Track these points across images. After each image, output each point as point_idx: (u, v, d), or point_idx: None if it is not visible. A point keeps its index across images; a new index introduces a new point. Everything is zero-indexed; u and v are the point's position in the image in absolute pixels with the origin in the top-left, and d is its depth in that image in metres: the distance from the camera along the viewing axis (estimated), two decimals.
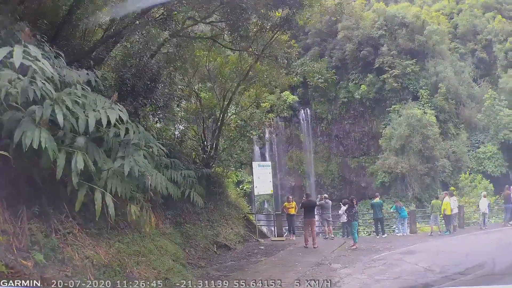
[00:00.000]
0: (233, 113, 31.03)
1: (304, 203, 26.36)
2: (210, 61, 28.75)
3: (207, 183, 25.86)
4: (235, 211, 29.01)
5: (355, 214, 26.09)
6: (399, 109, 70.91)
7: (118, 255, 14.08)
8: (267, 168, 32.81)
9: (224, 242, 24.51)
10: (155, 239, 17.88)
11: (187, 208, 23.18)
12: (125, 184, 13.96)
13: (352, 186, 74.76)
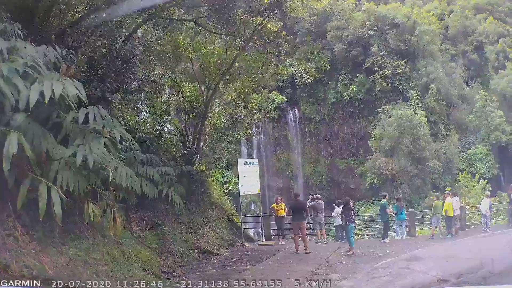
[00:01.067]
0: (217, 105, 27.23)
1: (293, 204, 23.83)
2: (193, 50, 26.07)
3: (188, 181, 23.50)
4: (219, 212, 26.63)
5: (352, 216, 23.11)
6: (389, 110, 68.78)
7: (70, 264, 11.57)
8: (253, 166, 29.78)
9: (206, 247, 22.03)
10: (124, 244, 15.61)
11: (166, 209, 20.90)
12: (79, 178, 11.62)
13: (341, 187, 72.87)
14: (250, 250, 24.00)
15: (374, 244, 25.78)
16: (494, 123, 66.00)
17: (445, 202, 28.20)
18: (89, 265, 12.25)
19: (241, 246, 25.21)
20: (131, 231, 17.59)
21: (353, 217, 23.71)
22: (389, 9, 78.57)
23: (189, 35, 26.06)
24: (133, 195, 16.83)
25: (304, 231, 23.17)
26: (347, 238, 23.35)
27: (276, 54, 27.47)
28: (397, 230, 29.37)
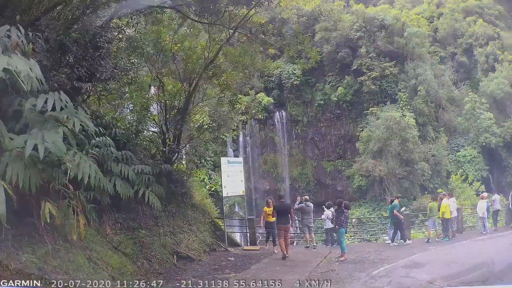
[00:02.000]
0: (200, 101, 25.35)
1: (277, 207, 22.11)
2: (176, 44, 24.36)
3: (168, 181, 21.75)
4: (201, 215, 24.37)
5: (344, 220, 21.23)
6: (377, 112, 67.82)
7: (22, 273, 9.81)
8: (238, 165, 27.30)
9: (186, 253, 20.10)
10: (92, 250, 13.94)
11: (144, 210, 19.06)
12: (31, 172, 10.04)
13: (328, 190, 71.37)
14: (234, 256, 22.09)
15: (366, 249, 24.20)
16: (483, 125, 65.75)
17: (442, 204, 26.43)
18: (46, 273, 10.53)
19: (225, 251, 23.26)
20: (104, 234, 15.98)
21: (345, 221, 21.79)
22: (378, 10, 78.20)
23: (171, 28, 24.55)
24: (106, 195, 15.41)
25: (287, 235, 21.64)
26: (339, 242, 21.60)
27: (262, 45, 25.28)
28: (390, 234, 27.54)
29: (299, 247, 24.11)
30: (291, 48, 29.00)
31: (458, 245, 23.89)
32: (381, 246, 26.02)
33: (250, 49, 25.77)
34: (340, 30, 74.35)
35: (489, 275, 13.41)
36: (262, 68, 27.63)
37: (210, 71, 24.50)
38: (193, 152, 24.49)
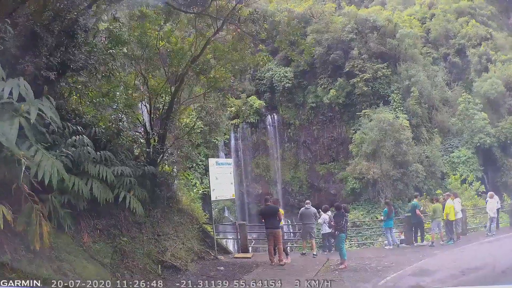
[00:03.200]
0: (186, 98, 23.47)
1: (263, 210, 20.75)
2: (161, 40, 22.57)
3: (152, 184, 20.02)
4: (188, 220, 22.52)
5: (344, 224, 19.41)
6: (370, 114, 66.55)
7: None
8: (227, 166, 25.16)
9: (171, 262, 18.27)
10: (64, 260, 12.38)
11: (126, 216, 17.59)
12: None
13: (321, 193, 69.98)
14: (223, 264, 20.11)
15: (366, 254, 22.45)
16: (477, 126, 64.99)
17: (446, 205, 24.83)
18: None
19: (214, 260, 21.29)
20: (80, 242, 14.45)
21: (345, 225, 19.95)
22: (370, 12, 77.05)
23: (157, 23, 22.53)
24: (82, 199, 14.05)
25: (279, 240, 19.79)
26: (338, 249, 19.82)
27: (252, 36, 23.39)
28: (388, 238, 25.62)
29: (294, 254, 22.05)
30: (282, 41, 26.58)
31: (465, 248, 22.31)
32: (380, 251, 24.27)
33: (240, 44, 23.61)
34: (332, 32, 73.25)
35: None
36: (253, 63, 25.32)
37: (197, 67, 22.45)
38: (179, 153, 22.32)
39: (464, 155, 65.43)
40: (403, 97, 69.08)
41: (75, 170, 14.37)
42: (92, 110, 19.79)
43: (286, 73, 73.70)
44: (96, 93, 19.82)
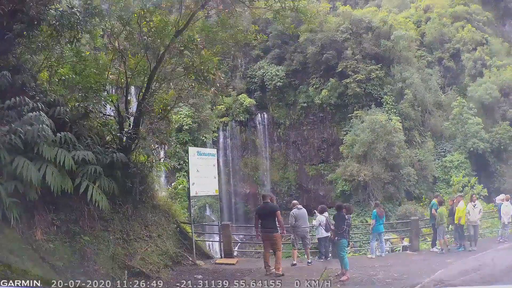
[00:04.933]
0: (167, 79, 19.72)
1: (260, 210, 17.14)
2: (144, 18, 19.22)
3: (123, 175, 16.90)
4: (164, 218, 19.55)
5: (346, 228, 15.67)
6: (362, 115, 64.37)
7: None
8: (210, 158, 21.68)
9: (140, 267, 15.45)
10: None
11: (90, 211, 14.84)
12: None
13: (310, 194, 67.67)
14: (203, 272, 17.14)
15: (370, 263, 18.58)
16: (471, 130, 62.89)
17: (458, 208, 21.87)
18: None
19: (192, 265, 18.28)
20: (32, 240, 12.12)
21: (348, 230, 16.18)
22: (364, 13, 74.57)
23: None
24: (33, 188, 11.84)
25: (278, 245, 16.61)
26: (339, 258, 16.21)
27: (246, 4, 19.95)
28: (372, 246, 22.65)
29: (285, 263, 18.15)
30: None
31: (481, 256, 19.24)
32: (384, 258, 20.84)
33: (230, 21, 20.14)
34: (326, 31, 70.63)
35: None
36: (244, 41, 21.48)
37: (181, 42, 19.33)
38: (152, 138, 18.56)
39: (457, 159, 63.31)
40: (396, 100, 67.02)
41: (30, 153, 12.15)
42: (62, 89, 17.10)
43: (277, 72, 71.46)
44: (67, 70, 17.20)
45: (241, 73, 75.22)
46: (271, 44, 74.95)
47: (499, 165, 63.00)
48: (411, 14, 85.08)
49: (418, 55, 75.82)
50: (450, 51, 75.47)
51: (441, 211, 21.95)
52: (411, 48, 72.47)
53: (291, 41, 74.44)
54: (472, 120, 63.15)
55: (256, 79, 73.10)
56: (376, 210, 22.62)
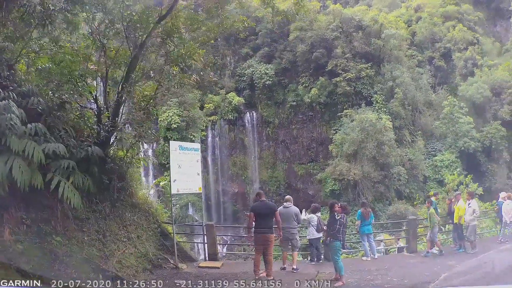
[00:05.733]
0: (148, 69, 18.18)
1: (256, 208, 15.26)
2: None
3: (100, 171, 15.39)
4: (143, 218, 17.81)
5: (342, 229, 14.21)
6: (352, 114, 63.36)
7: None
8: (193, 153, 19.61)
9: (116, 271, 13.99)
10: None
11: (64, 210, 13.46)
12: None
13: (299, 193, 65.44)
14: (185, 276, 15.45)
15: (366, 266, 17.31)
16: (462, 130, 63.09)
17: (459, 206, 20.44)
18: None
19: (173, 269, 16.59)
20: None
21: (343, 231, 14.66)
22: (355, 11, 74.31)
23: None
24: None
25: (270, 249, 15.08)
26: (333, 261, 14.65)
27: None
28: (366, 248, 20.67)
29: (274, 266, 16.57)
30: None
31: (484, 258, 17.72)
32: (379, 261, 19.28)
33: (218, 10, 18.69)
34: (316, 30, 69.88)
35: None
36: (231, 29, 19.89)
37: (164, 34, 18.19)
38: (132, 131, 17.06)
39: (447, 159, 63.02)
40: (386, 98, 66.38)
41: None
42: (39, 79, 15.94)
43: (267, 70, 70.35)
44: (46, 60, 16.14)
45: (230, 72, 74.10)
46: (261, 43, 74.17)
47: (490, 165, 62.96)
48: (401, 14, 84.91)
49: (409, 54, 75.39)
50: (441, 50, 75.43)
51: (432, 212, 20.66)
52: (402, 47, 71.91)
53: (281, 40, 73.67)
54: (463, 120, 63.03)
55: (245, 78, 72.01)
56: (361, 210, 21.05)
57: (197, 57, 17.90)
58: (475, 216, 19.83)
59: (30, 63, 16.08)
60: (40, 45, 16.14)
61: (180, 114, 59.17)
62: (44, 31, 15.45)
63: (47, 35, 16.35)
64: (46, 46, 16.41)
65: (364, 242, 20.43)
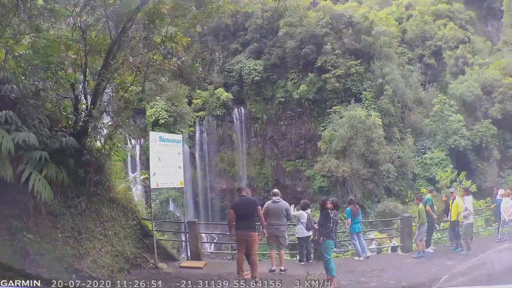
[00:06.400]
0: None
1: (237, 204, 14.30)
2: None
3: (76, 164, 14.38)
4: (122, 214, 16.42)
5: (333, 227, 13.13)
6: (341, 110, 63.08)
7: None
8: (175, 144, 18.13)
9: (90, 272, 12.85)
10: None
11: (36, 205, 12.62)
12: None
13: (287, 190, 64.43)
14: (164, 277, 14.10)
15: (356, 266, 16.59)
16: (452, 128, 63.04)
17: (455, 203, 19.53)
18: None
19: (152, 269, 15.35)
20: None
21: (334, 229, 13.59)
22: (346, 8, 73.98)
23: None
24: None
25: (254, 248, 13.89)
26: (324, 261, 13.58)
27: None
28: (357, 247, 19.47)
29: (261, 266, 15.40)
30: None
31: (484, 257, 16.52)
32: (373, 261, 18.13)
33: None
34: (306, 26, 69.33)
35: None
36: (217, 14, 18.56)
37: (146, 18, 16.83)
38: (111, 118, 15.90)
39: (437, 156, 62.90)
40: (376, 95, 65.86)
41: None
42: (16, 67, 14.84)
43: (256, 66, 69.62)
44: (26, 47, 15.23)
45: (219, 67, 73.35)
46: (250, 38, 73.53)
47: (480, 163, 62.79)
48: (392, 11, 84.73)
49: (399, 52, 75.16)
50: (432, 48, 75.48)
51: (421, 208, 19.68)
52: (392, 44, 71.50)
53: (270, 35, 73.13)
54: (453, 117, 62.96)
55: (233, 73, 71.42)
56: (350, 207, 19.98)
57: (178, 40, 16.62)
58: (468, 213, 18.89)
59: (9, 50, 14.83)
60: (19, 31, 15.00)
61: (167, 110, 58.86)
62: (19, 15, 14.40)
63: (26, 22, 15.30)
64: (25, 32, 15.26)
65: (355, 241, 19.32)
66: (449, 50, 73.00)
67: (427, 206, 19.62)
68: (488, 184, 54.44)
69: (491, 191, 28.47)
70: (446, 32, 74.60)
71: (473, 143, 62.73)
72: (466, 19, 79.31)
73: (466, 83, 65.82)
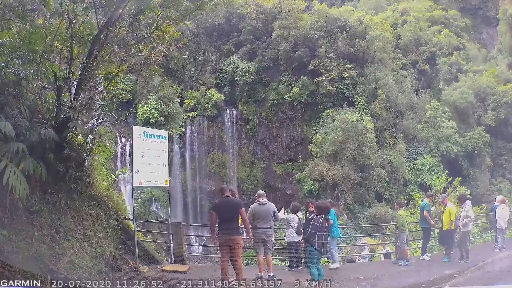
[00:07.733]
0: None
1: (218, 206, 13.72)
2: None
3: (56, 158, 13.44)
4: (103, 213, 15.39)
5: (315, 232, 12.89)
6: (333, 114, 62.52)
7: None
8: (160, 141, 16.94)
9: (65, 273, 11.98)
10: None
11: (13, 200, 11.76)
12: None
13: (277, 193, 65.08)
14: (145, 281, 12.75)
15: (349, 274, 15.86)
16: (445, 134, 62.66)
17: (446, 211, 18.54)
18: None
19: (133, 272, 14.31)
20: None
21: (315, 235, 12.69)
22: (341, 12, 73.92)
23: None
24: None
25: (239, 252, 13.03)
26: (311, 267, 12.67)
27: None
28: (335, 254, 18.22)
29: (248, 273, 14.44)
30: None
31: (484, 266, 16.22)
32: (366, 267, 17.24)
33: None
34: (300, 28, 68.96)
35: None
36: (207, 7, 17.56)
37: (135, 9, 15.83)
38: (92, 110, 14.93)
39: (429, 162, 62.71)
40: (369, 100, 65.53)
41: None
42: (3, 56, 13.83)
43: (248, 68, 68.99)
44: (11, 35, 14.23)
45: (211, 68, 72.87)
46: (243, 40, 73.26)
47: (472, 170, 62.61)
48: (387, 16, 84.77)
49: (393, 57, 75.02)
50: (426, 54, 75.47)
51: (402, 214, 18.89)
52: (386, 49, 71.45)
53: (264, 37, 72.68)
54: (446, 124, 62.68)
55: (226, 74, 70.95)
56: (334, 209, 18.87)
57: (165, 29, 15.70)
58: (469, 221, 18.05)
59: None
60: (4, 17, 14.08)
61: (159, 109, 58.20)
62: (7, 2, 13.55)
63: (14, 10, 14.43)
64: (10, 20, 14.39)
65: (333, 247, 18.17)
66: (443, 57, 73.02)
67: (425, 212, 18.77)
68: (480, 191, 54.48)
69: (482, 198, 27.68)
70: (441, 38, 74.71)
71: (466, 150, 62.50)
72: (461, 26, 79.56)
73: (459, 90, 65.84)
